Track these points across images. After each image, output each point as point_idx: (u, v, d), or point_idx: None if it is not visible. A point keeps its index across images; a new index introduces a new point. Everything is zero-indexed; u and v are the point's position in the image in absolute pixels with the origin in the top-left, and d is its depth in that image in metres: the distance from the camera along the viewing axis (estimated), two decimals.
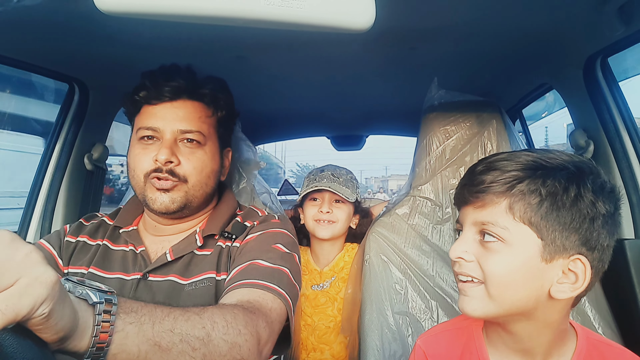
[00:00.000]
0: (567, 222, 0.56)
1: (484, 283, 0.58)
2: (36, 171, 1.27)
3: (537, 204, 0.56)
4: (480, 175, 0.60)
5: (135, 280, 0.84)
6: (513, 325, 0.62)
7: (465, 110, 1.20)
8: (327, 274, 1.30)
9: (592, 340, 0.65)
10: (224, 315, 0.61)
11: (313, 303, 1.28)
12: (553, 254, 0.56)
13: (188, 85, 0.88)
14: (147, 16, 0.53)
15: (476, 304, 0.59)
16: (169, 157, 0.83)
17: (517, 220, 0.57)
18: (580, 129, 1.15)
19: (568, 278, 0.57)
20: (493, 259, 0.58)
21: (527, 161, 0.59)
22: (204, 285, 0.83)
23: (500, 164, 0.60)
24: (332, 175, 1.29)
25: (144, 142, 0.87)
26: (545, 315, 0.60)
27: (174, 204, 0.86)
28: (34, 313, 0.38)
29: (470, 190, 0.61)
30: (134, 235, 0.92)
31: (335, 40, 0.98)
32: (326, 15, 0.53)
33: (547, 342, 0.62)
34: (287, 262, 0.83)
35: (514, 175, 0.58)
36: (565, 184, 0.56)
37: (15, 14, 0.82)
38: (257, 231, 0.90)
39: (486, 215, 0.59)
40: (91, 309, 0.47)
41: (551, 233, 0.56)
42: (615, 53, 1.03)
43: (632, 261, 1.01)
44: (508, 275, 0.57)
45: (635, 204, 1.05)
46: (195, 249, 0.88)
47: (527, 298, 0.58)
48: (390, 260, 1.13)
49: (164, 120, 0.86)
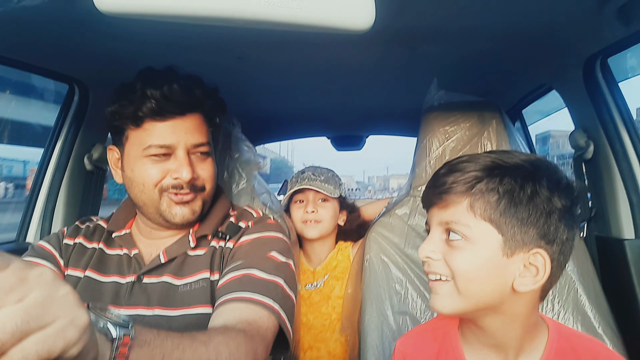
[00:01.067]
0: (525, 218, 0.59)
1: (452, 280, 0.61)
2: (36, 171, 1.28)
3: (496, 201, 0.59)
4: (443, 177, 0.64)
5: (130, 283, 0.85)
6: (483, 321, 0.64)
7: (465, 111, 1.20)
8: (320, 273, 1.32)
9: (563, 333, 0.68)
10: (228, 345, 0.63)
11: (308, 302, 1.30)
12: (513, 248, 0.59)
13: (191, 97, 0.86)
14: (147, 17, 0.53)
15: (445, 300, 0.62)
16: (192, 174, 0.84)
17: (478, 218, 0.60)
18: (580, 129, 1.15)
19: (529, 271, 0.60)
20: (458, 256, 0.61)
21: (485, 162, 0.62)
22: (198, 285, 0.83)
23: (461, 166, 0.63)
24: (313, 175, 1.33)
25: (154, 157, 0.85)
26: (512, 308, 0.62)
27: (194, 215, 0.88)
28: (65, 355, 0.38)
29: (434, 192, 0.64)
30: (127, 239, 0.92)
31: (335, 40, 0.98)
32: (326, 15, 0.53)
33: (518, 335, 0.64)
34: (282, 272, 0.84)
35: (474, 176, 0.61)
36: (522, 181, 0.59)
37: (15, 14, 0.82)
38: (252, 233, 0.89)
39: (449, 215, 0.62)
40: (109, 343, 0.47)
41: (510, 229, 0.59)
42: (615, 54, 1.04)
43: (632, 261, 1.01)
44: (473, 270, 0.60)
45: (635, 204, 1.05)
46: (188, 249, 0.88)
47: (492, 292, 0.60)
48: (391, 261, 1.13)
49: (176, 136, 0.84)
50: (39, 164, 1.28)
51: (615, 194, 1.08)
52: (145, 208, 0.88)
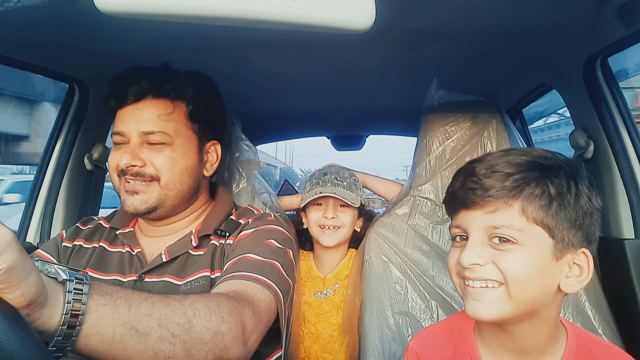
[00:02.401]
0: (574, 220, 0.58)
1: (503, 284, 0.59)
2: (36, 171, 1.28)
3: (548, 204, 0.58)
4: (481, 179, 0.61)
5: (131, 282, 0.84)
6: (515, 325, 0.62)
7: (465, 111, 1.20)
8: (331, 281, 1.27)
9: (582, 337, 0.66)
10: (207, 303, 0.60)
11: (317, 311, 1.25)
12: (563, 251, 0.58)
13: (151, 84, 0.86)
14: (146, 16, 0.53)
15: (492, 308, 0.59)
16: (130, 161, 0.83)
17: (530, 222, 0.58)
18: (580, 129, 1.15)
19: (573, 272, 0.59)
20: (510, 259, 0.58)
21: (526, 161, 0.60)
22: (199, 284, 0.83)
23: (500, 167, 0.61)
24: (336, 179, 1.25)
25: (116, 146, 0.88)
26: (546, 311, 0.61)
27: (144, 205, 0.85)
28: None
29: (476, 194, 0.61)
30: (130, 237, 0.92)
31: (335, 40, 0.98)
32: (326, 15, 0.53)
33: (543, 338, 0.63)
34: (278, 257, 0.83)
35: (522, 178, 0.59)
36: (567, 183, 0.58)
37: (16, 13, 0.82)
38: (251, 228, 0.89)
39: (499, 219, 0.59)
40: (61, 286, 0.47)
41: (561, 231, 0.58)
42: (615, 53, 1.03)
43: (632, 261, 1.01)
44: (526, 274, 0.58)
45: (635, 204, 1.05)
46: (190, 249, 0.88)
47: (541, 295, 0.59)
48: (390, 261, 1.13)
49: (128, 124, 0.86)
50: (39, 163, 1.28)
51: (615, 194, 1.08)
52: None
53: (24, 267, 0.41)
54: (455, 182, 0.66)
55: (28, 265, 0.42)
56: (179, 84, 0.89)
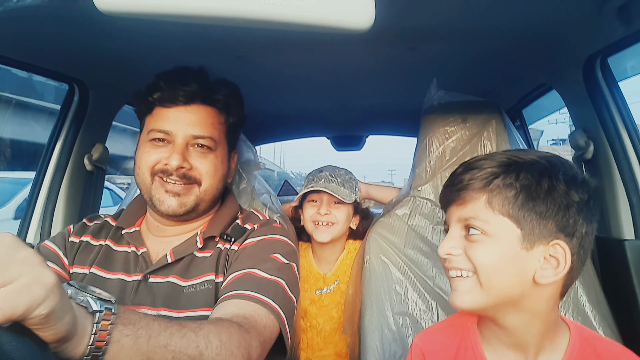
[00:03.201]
0: (543, 211, 0.60)
1: (475, 274, 0.62)
2: (36, 171, 1.27)
3: (514, 196, 0.61)
4: (460, 176, 0.65)
5: (136, 282, 0.84)
6: (504, 319, 0.64)
7: (465, 111, 1.20)
8: (331, 278, 1.30)
9: (585, 335, 0.67)
10: (219, 335, 0.62)
11: (318, 304, 1.29)
12: (532, 241, 0.60)
13: (202, 90, 0.89)
14: (146, 16, 0.53)
15: (466, 296, 0.63)
16: (181, 162, 0.85)
17: (496, 213, 0.61)
18: (580, 129, 1.15)
19: (550, 264, 0.61)
20: (479, 250, 0.62)
21: (502, 159, 0.64)
22: (203, 287, 0.83)
23: (478, 164, 0.65)
24: (330, 176, 1.28)
25: (155, 143, 0.88)
26: (532, 304, 0.62)
27: (182, 208, 0.87)
28: (31, 313, 0.38)
29: (452, 190, 0.66)
30: (136, 237, 0.92)
31: (335, 40, 0.98)
32: (326, 15, 0.53)
33: (538, 333, 0.64)
34: (284, 274, 0.83)
35: (490, 172, 0.63)
36: (538, 176, 0.61)
37: (15, 13, 0.82)
38: (256, 236, 0.89)
39: (468, 211, 0.64)
40: (90, 316, 0.48)
41: (529, 222, 0.60)
42: (615, 53, 1.04)
43: (632, 261, 1.01)
44: (494, 263, 0.61)
45: (635, 204, 1.05)
46: (195, 250, 0.88)
47: (513, 285, 0.61)
48: (391, 261, 1.13)
49: (176, 125, 0.87)
50: (39, 163, 1.28)
51: (615, 195, 1.08)
52: (142, 192, 0.90)
53: (62, 309, 0.42)
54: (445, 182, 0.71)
55: (66, 307, 0.43)
56: (225, 95, 0.92)
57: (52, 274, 0.41)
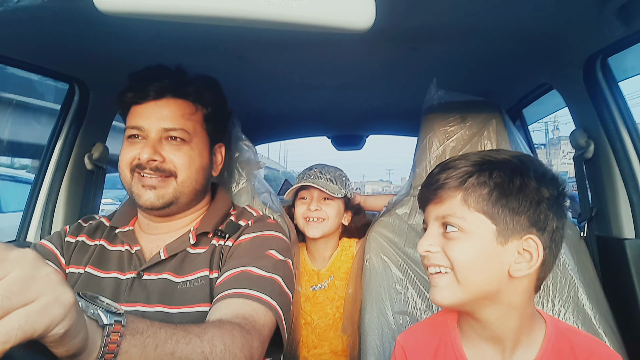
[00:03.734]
0: (516, 207, 0.63)
1: (452, 270, 0.64)
2: (36, 171, 1.28)
3: (487, 193, 0.63)
4: (436, 175, 0.68)
5: (130, 279, 0.85)
6: (481, 312, 0.66)
7: (465, 111, 1.20)
8: (325, 274, 1.31)
9: (560, 328, 0.70)
10: (223, 338, 0.63)
11: (312, 301, 1.30)
12: (507, 236, 0.63)
13: (172, 84, 0.89)
14: (146, 16, 0.53)
15: (445, 292, 0.64)
16: (151, 155, 0.85)
17: (472, 210, 0.64)
18: (580, 129, 1.15)
19: (524, 257, 0.63)
20: (456, 246, 0.64)
21: (475, 159, 0.67)
22: (197, 283, 0.84)
23: (453, 163, 0.67)
24: (319, 173, 1.31)
25: (131, 140, 0.89)
26: (508, 297, 0.64)
27: (160, 200, 0.87)
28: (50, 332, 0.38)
29: (429, 190, 0.68)
30: (130, 236, 0.93)
31: (335, 40, 0.98)
32: (326, 15, 0.53)
33: (515, 326, 0.66)
34: (280, 270, 0.84)
35: (465, 171, 0.65)
36: (510, 174, 0.64)
37: (16, 13, 0.82)
38: (251, 232, 0.90)
39: (445, 209, 0.66)
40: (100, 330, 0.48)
41: (503, 218, 0.63)
42: (615, 53, 1.04)
43: (632, 261, 1.01)
44: (470, 259, 0.63)
45: (635, 203, 1.05)
46: (188, 246, 0.88)
47: (490, 279, 0.63)
48: (391, 260, 1.13)
49: (148, 120, 0.88)
50: (39, 163, 1.28)
51: (615, 194, 1.08)
52: (125, 189, 0.91)
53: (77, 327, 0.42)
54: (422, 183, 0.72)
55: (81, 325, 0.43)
56: (198, 86, 0.92)
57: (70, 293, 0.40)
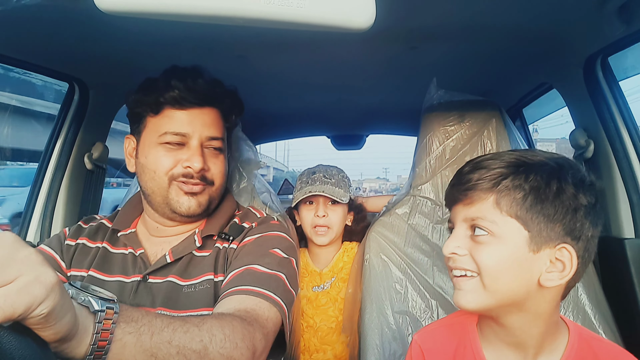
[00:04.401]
0: (551, 214, 0.59)
1: (478, 275, 0.61)
2: (36, 170, 1.27)
3: (522, 198, 0.60)
4: (467, 175, 0.64)
5: (135, 283, 0.84)
6: (506, 318, 0.64)
7: (465, 110, 1.20)
8: (327, 275, 1.30)
9: (584, 336, 0.67)
10: (223, 328, 0.62)
11: (314, 304, 1.28)
12: (540, 244, 0.59)
13: (212, 92, 0.90)
14: (147, 15, 0.53)
15: (470, 296, 0.62)
16: (203, 164, 0.86)
17: (504, 214, 0.60)
18: (580, 129, 1.15)
19: (556, 267, 0.60)
20: (484, 251, 0.61)
21: (510, 159, 0.63)
22: (202, 287, 0.83)
23: (486, 163, 0.63)
24: (325, 177, 1.29)
25: (168, 145, 0.87)
26: (536, 305, 0.62)
27: (200, 208, 0.88)
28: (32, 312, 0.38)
29: (459, 189, 0.65)
30: (132, 239, 0.92)
31: (335, 39, 0.98)
32: (326, 14, 0.53)
33: (539, 334, 0.64)
34: (284, 268, 0.83)
35: (499, 172, 0.61)
36: (547, 178, 0.60)
37: (15, 13, 0.82)
38: (255, 233, 0.90)
39: (475, 211, 0.62)
40: (92, 316, 0.48)
41: (536, 225, 0.59)
42: (615, 52, 1.03)
43: (632, 261, 1.01)
44: (499, 265, 0.60)
45: (635, 203, 1.05)
46: (194, 249, 0.88)
47: (518, 287, 0.60)
48: (391, 260, 1.13)
49: (192, 126, 0.87)
50: (39, 163, 1.28)
51: (615, 193, 1.08)
52: (153, 197, 0.88)
53: (62, 308, 0.42)
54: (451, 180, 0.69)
55: (66, 306, 0.43)
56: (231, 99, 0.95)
57: (52, 273, 0.40)
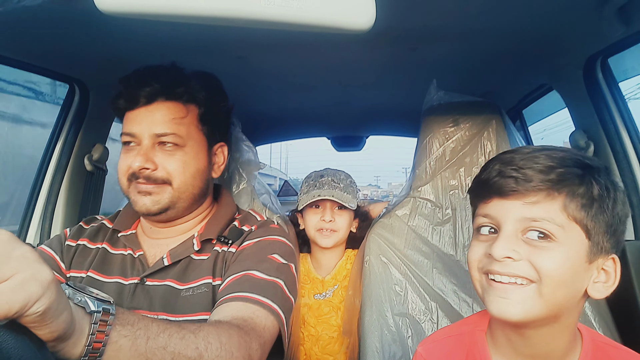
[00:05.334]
0: (611, 224, 0.56)
1: (534, 283, 0.55)
2: (36, 172, 1.27)
3: (589, 205, 0.55)
4: (527, 169, 0.57)
5: (132, 285, 0.84)
6: (536, 330, 0.59)
7: (465, 112, 1.20)
8: (329, 282, 1.28)
9: (597, 342, 0.64)
10: (219, 336, 0.61)
11: (316, 313, 1.26)
12: (596, 254, 0.56)
13: (163, 86, 0.86)
14: (147, 16, 0.53)
15: (522, 306, 0.55)
16: (143, 163, 0.83)
17: (570, 220, 0.55)
18: (580, 130, 1.15)
19: (600, 277, 0.57)
20: (547, 256, 0.55)
21: (568, 157, 0.58)
22: (200, 291, 0.83)
23: (543, 159, 0.57)
24: (333, 182, 1.26)
25: (127, 147, 0.87)
26: (570, 316, 0.59)
27: (156, 206, 0.85)
28: (27, 310, 0.38)
29: (520, 183, 0.57)
30: (132, 240, 0.91)
31: (336, 40, 0.98)
32: (326, 15, 0.53)
33: (562, 345, 0.60)
34: (282, 274, 0.83)
35: (566, 172, 0.56)
36: (607, 186, 0.56)
37: (16, 14, 0.82)
38: (254, 237, 0.89)
39: (540, 212, 0.56)
40: (88, 317, 0.48)
41: (597, 235, 0.56)
42: (615, 53, 1.03)
43: (632, 262, 1.01)
44: (561, 273, 0.55)
45: (635, 205, 1.05)
46: (192, 253, 0.87)
47: (571, 297, 0.57)
48: (390, 262, 1.13)
49: (139, 126, 0.85)
50: (39, 164, 1.28)
51: None
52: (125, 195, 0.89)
53: (58, 307, 0.41)
54: (490, 169, 0.61)
55: (62, 304, 0.43)
56: (190, 86, 0.88)
57: (48, 271, 0.40)
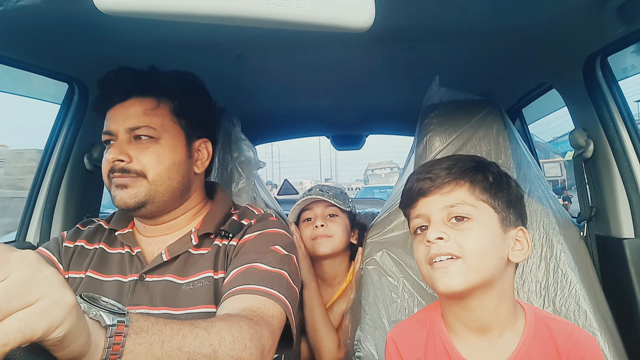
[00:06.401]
0: (510, 200, 0.73)
1: (460, 258, 0.68)
2: (36, 171, 1.27)
3: (489, 186, 0.72)
4: (436, 170, 0.74)
5: (132, 282, 0.84)
6: (479, 300, 0.71)
7: (465, 110, 1.20)
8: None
9: (539, 315, 0.75)
10: (231, 330, 0.62)
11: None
12: (507, 226, 0.72)
13: (135, 83, 0.88)
14: (146, 15, 0.53)
15: (459, 277, 0.68)
16: (116, 155, 0.84)
17: (478, 200, 0.71)
18: (579, 129, 1.15)
19: (516, 246, 0.72)
20: (467, 235, 0.69)
21: (463, 158, 0.77)
22: (202, 284, 0.83)
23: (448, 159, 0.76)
24: (320, 191, 1.32)
25: (108, 146, 0.89)
26: (502, 284, 0.71)
27: (133, 200, 0.85)
28: (49, 335, 0.38)
29: (434, 181, 0.73)
30: (129, 238, 0.92)
31: (335, 39, 0.98)
32: (326, 14, 0.53)
33: (502, 314, 0.72)
34: (285, 265, 0.83)
35: (468, 165, 0.73)
36: (498, 173, 0.75)
37: (15, 13, 0.82)
38: (255, 230, 0.89)
39: (454, 198, 0.71)
40: (103, 330, 0.47)
41: (502, 209, 0.72)
42: (615, 52, 1.03)
43: (632, 261, 1.01)
44: (482, 246, 0.69)
45: (635, 203, 1.05)
46: (190, 248, 0.88)
47: (496, 264, 0.70)
48: (387, 266, 1.11)
49: (115, 122, 0.87)
50: (39, 163, 1.28)
51: (615, 193, 1.08)
52: None
53: (77, 330, 0.41)
54: (410, 181, 0.78)
55: (82, 327, 0.42)
56: (163, 81, 0.90)
57: (71, 295, 0.40)
